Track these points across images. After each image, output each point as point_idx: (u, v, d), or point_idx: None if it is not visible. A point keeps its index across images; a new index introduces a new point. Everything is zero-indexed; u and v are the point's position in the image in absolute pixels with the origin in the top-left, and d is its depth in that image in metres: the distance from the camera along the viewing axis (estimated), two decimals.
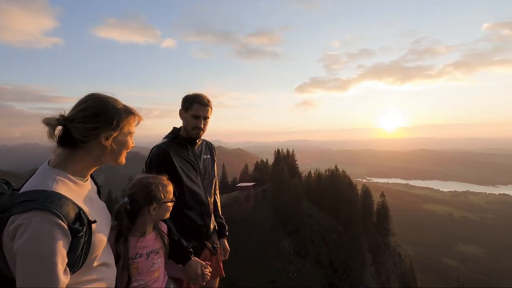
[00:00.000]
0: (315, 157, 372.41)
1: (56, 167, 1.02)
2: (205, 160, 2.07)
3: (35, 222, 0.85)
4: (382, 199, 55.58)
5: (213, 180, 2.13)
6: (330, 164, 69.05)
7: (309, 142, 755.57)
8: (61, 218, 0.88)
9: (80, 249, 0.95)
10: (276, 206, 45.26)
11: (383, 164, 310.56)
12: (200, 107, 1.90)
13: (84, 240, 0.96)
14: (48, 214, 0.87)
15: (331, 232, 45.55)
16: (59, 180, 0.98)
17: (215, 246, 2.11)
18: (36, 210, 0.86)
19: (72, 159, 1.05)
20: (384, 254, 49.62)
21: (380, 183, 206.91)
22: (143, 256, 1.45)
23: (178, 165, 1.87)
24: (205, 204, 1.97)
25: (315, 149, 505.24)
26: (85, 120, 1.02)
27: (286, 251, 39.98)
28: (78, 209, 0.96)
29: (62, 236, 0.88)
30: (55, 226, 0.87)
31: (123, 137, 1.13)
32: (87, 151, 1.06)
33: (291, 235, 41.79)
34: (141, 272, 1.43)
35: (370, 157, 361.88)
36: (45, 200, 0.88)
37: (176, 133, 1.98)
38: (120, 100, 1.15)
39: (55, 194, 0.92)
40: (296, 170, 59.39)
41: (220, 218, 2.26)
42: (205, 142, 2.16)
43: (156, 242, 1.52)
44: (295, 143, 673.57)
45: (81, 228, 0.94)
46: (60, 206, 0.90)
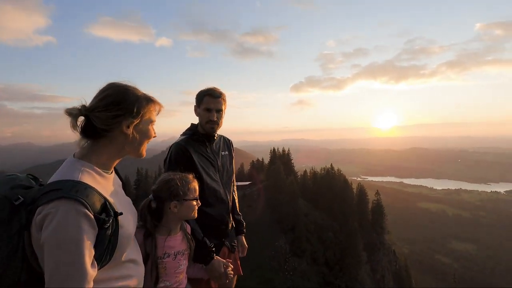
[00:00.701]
0: (310, 156, 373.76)
1: (81, 159, 1.01)
2: (223, 156, 2.03)
3: (62, 212, 0.84)
4: (377, 198, 56.00)
5: (232, 177, 2.09)
6: (325, 163, 69.30)
7: (305, 141, 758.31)
8: (87, 207, 0.87)
9: (107, 242, 0.93)
10: (272, 205, 45.29)
11: (378, 163, 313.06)
12: (211, 100, 1.86)
13: (110, 233, 0.94)
14: (75, 203, 0.86)
15: (327, 231, 45.75)
16: (85, 171, 0.97)
17: (233, 244, 2.08)
18: (62, 199, 0.86)
19: (96, 150, 1.04)
20: (379, 252, 50.02)
21: (375, 181, 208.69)
22: (171, 256, 1.44)
23: (198, 162, 1.83)
24: (224, 201, 1.94)
25: (310, 148, 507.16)
26: (106, 108, 1.01)
27: (282, 249, 40.01)
28: (104, 200, 0.95)
29: (88, 226, 0.87)
30: (82, 215, 0.86)
31: (145, 126, 1.11)
32: (110, 141, 1.05)
33: (287, 233, 41.87)
34: (168, 273, 1.42)
35: (365, 156, 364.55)
36: (71, 189, 0.88)
37: (193, 130, 1.94)
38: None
39: (81, 184, 0.92)
40: (292, 169, 59.50)
41: (237, 214, 2.21)
42: (223, 138, 2.12)
43: (183, 244, 1.51)
44: (291, 142, 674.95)
45: (108, 219, 0.92)
46: (86, 195, 0.89)
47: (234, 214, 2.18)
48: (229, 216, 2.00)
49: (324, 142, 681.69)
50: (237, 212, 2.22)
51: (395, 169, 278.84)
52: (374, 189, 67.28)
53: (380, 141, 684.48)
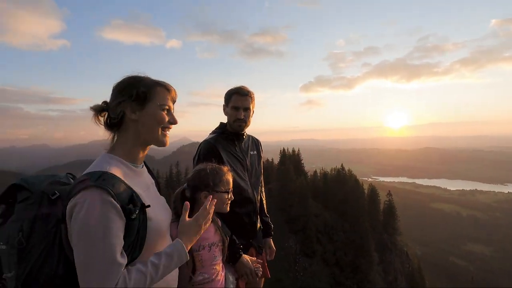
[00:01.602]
0: (320, 156, 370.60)
1: (110, 152, 1.07)
2: (252, 156, 2.02)
3: (89, 201, 0.86)
4: (388, 198, 55.12)
5: (260, 177, 2.06)
6: (336, 163, 68.69)
7: (315, 141, 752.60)
8: (113, 196, 0.89)
9: (135, 233, 0.93)
10: (281, 205, 45.19)
11: (389, 163, 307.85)
12: (239, 98, 1.85)
13: (139, 224, 0.95)
14: (101, 192, 0.87)
15: (338, 231, 45.33)
16: (112, 162, 1.01)
17: (260, 246, 2.04)
18: (88, 188, 0.88)
19: (119, 141, 1.08)
20: (391, 253, 49.19)
21: (386, 182, 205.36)
22: (206, 248, 1.43)
23: (226, 160, 1.82)
24: (252, 201, 1.91)
25: (320, 148, 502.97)
26: (113, 98, 1.08)
27: (292, 250, 39.87)
28: (131, 191, 0.96)
29: (116, 215, 0.88)
30: (108, 204, 0.87)
31: (150, 109, 1.07)
32: (125, 131, 1.08)
33: (297, 234, 41.70)
34: (205, 265, 1.41)
35: (376, 156, 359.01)
36: (98, 179, 0.90)
37: (223, 128, 1.94)
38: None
39: (107, 174, 0.93)
40: (301, 169, 59.17)
41: (265, 216, 2.17)
42: (252, 138, 2.11)
43: (216, 236, 1.50)
44: (300, 142, 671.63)
45: (134, 209, 0.92)
46: (112, 184, 0.91)
47: (262, 215, 2.15)
48: (256, 217, 1.96)
49: (334, 142, 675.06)
50: (265, 214, 2.17)
51: (407, 169, 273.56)
52: (385, 189, 66.24)
53: (392, 140, 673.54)
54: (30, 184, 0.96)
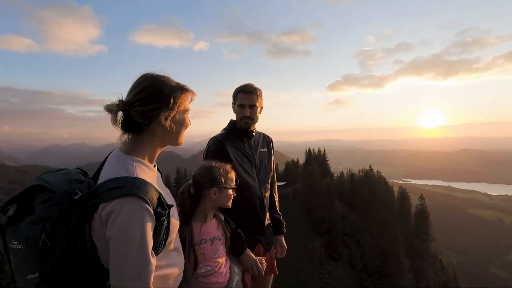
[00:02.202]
0: (348, 157, 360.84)
1: (129, 153, 1.04)
2: (261, 153, 2.03)
3: (127, 208, 0.89)
4: (421, 202, 52.34)
5: (269, 174, 2.07)
6: (364, 164, 66.54)
7: (342, 142, 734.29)
8: (148, 203, 0.92)
9: (162, 234, 0.99)
10: (307, 206, 44.65)
11: (422, 165, 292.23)
12: (244, 96, 1.88)
13: (165, 225, 1.00)
14: (138, 200, 0.91)
15: (365, 235, 43.89)
16: (137, 166, 1.01)
17: (269, 242, 2.03)
18: (126, 197, 0.90)
19: (140, 144, 1.06)
20: (423, 260, 46.70)
21: (419, 185, 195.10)
22: (208, 242, 1.48)
23: (234, 156, 1.85)
24: (259, 197, 1.93)
25: (348, 149, 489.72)
26: (143, 102, 1.01)
27: (317, 252, 39.26)
28: (159, 194, 1.00)
29: (150, 220, 0.93)
30: (145, 211, 0.91)
31: (181, 116, 1.11)
32: (150, 134, 1.06)
33: (323, 236, 40.98)
34: (208, 258, 1.46)
35: (408, 157, 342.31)
36: (133, 186, 0.92)
37: (232, 126, 1.97)
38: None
39: (140, 180, 0.95)
40: (328, 170, 58.01)
41: (277, 214, 2.18)
42: (263, 136, 2.13)
43: (218, 230, 1.55)
44: (327, 142, 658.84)
45: (163, 212, 0.97)
46: (146, 191, 0.94)
47: (274, 213, 2.16)
48: (264, 213, 1.97)
49: (362, 143, 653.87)
50: (276, 211, 2.18)
51: (443, 172, 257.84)
52: (418, 193, 62.96)
53: (426, 141, 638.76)
54: (52, 185, 0.95)
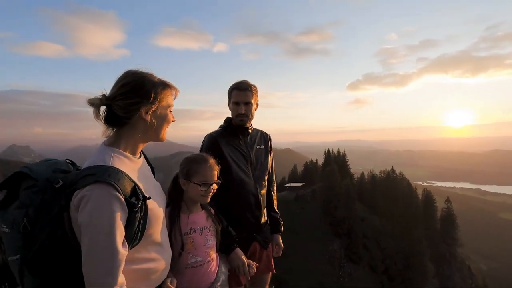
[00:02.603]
0: (368, 157, 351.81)
1: (111, 146, 1.08)
2: (258, 150, 2.02)
3: (96, 195, 0.91)
4: (447, 205, 50.25)
5: (265, 172, 2.04)
6: (385, 165, 64.70)
7: (362, 142, 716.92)
8: (119, 191, 0.93)
9: (137, 224, 0.99)
10: (326, 207, 44.05)
11: (449, 166, 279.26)
12: (238, 93, 1.86)
13: (140, 216, 1.00)
14: (108, 187, 0.92)
15: (387, 238, 42.65)
16: (115, 156, 1.04)
17: (266, 240, 2.01)
18: (97, 183, 0.92)
19: (122, 137, 1.10)
20: (450, 266, 44.71)
21: (445, 187, 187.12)
22: (197, 231, 1.47)
23: (228, 153, 1.85)
24: (254, 195, 1.90)
25: (368, 149, 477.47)
26: (125, 96, 1.05)
27: (337, 254, 38.61)
28: (134, 184, 1.01)
29: (120, 209, 0.93)
30: (114, 198, 0.92)
31: (163, 111, 1.14)
32: (132, 128, 1.10)
33: (342, 238, 40.25)
34: (197, 247, 1.45)
35: (433, 158, 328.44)
36: (104, 173, 0.94)
37: (228, 123, 1.97)
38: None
39: (113, 169, 0.98)
40: (347, 171, 56.92)
41: (274, 212, 2.16)
42: (261, 133, 2.11)
43: (208, 221, 1.54)
44: (347, 143, 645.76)
45: (137, 202, 0.98)
46: (118, 179, 0.95)
47: (271, 211, 2.14)
48: (259, 211, 1.93)
49: (384, 143, 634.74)
50: (274, 210, 2.16)
51: (471, 174, 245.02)
52: (444, 195, 60.39)
53: (452, 142, 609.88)
54: (34, 172, 1.00)
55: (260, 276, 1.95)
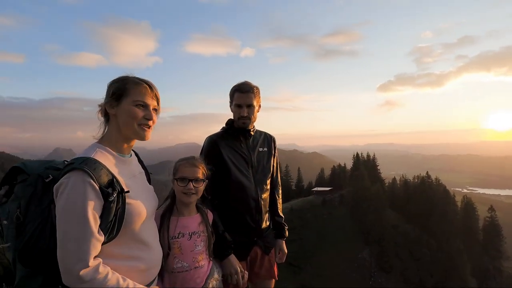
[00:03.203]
0: (400, 162, 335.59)
1: (98, 142, 1.18)
2: (260, 153, 1.97)
3: (72, 181, 0.97)
4: (490, 214, 46.45)
5: (268, 175, 1.98)
6: (419, 170, 61.43)
7: (394, 146, 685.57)
8: (92, 178, 0.98)
9: (112, 215, 1.02)
10: (354, 213, 42.64)
11: (492, 172, 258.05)
12: (240, 95, 1.83)
13: (117, 207, 1.04)
14: (83, 174, 0.98)
15: (421, 247, 40.25)
16: (98, 151, 1.11)
17: (267, 246, 1.93)
18: (73, 170, 0.98)
19: (107, 134, 1.20)
20: (494, 280, 41.11)
21: (488, 194, 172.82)
22: (186, 236, 1.45)
23: (227, 156, 1.83)
24: (254, 198, 1.85)
25: (401, 153, 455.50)
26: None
27: (366, 262, 37.15)
28: (112, 176, 1.06)
29: (93, 195, 0.98)
30: (87, 184, 0.97)
31: (126, 105, 1.15)
32: (110, 124, 1.19)
33: (372, 246, 38.65)
34: (184, 253, 1.43)
35: (474, 163, 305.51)
36: (81, 163, 1.00)
37: (229, 125, 1.94)
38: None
39: (91, 159, 1.04)
40: (378, 175, 54.77)
41: (278, 216, 2.09)
42: (264, 135, 2.06)
43: (200, 226, 1.52)
44: (377, 146, 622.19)
45: (112, 192, 1.02)
46: (93, 168, 1.01)
47: (275, 215, 2.08)
48: (260, 215, 1.87)
49: (417, 147, 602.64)
50: (278, 214, 2.09)
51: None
52: (487, 203, 55.86)
53: (496, 145, 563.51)
54: (27, 168, 1.09)
55: (262, 282, 1.91)
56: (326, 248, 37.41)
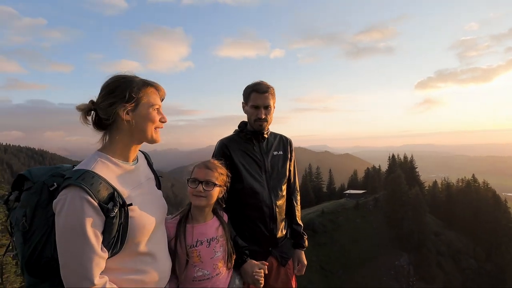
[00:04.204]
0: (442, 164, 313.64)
1: (100, 150, 1.10)
2: (274, 156, 1.86)
3: (69, 198, 0.93)
4: None
5: (283, 180, 1.86)
6: (464, 173, 56.89)
7: (434, 147, 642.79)
8: (90, 194, 0.94)
9: (115, 230, 0.99)
10: (390, 218, 40.47)
11: None
12: (258, 96, 1.72)
13: (119, 222, 1.00)
14: (79, 190, 0.93)
15: (467, 257, 37.07)
16: (100, 161, 1.05)
17: (284, 256, 1.81)
18: (70, 187, 0.94)
19: (111, 141, 1.11)
20: None
21: None
22: (204, 243, 1.40)
23: (239, 160, 1.73)
24: (268, 205, 1.74)
25: (442, 155, 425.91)
26: (104, 98, 1.07)
27: (404, 270, 35.02)
28: (113, 190, 1.01)
29: (92, 212, 0.94)
30: (85, 201, 0.93)
31: (143, 110, 1.11)
32: (117, 130, 1.10)
33: (411, 253, 36.36)
34: (204, 261, 1.38)
35: None
36: (78, 177, 0.95)
37: (242, 127, 1.85)
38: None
39: (89, 173, 0.98)
40: (416, 178, 51.60)
41: (297, 224, 1.95)
42: (279, 137, 1.95)
43: (218, 231, 1.46)
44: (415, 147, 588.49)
45: (113, 208, 0.98)
46: (91, 183, 0.96)
47: (293, 223, 1.94)
48: (274, 223, 1.76)
49: (461, 148, 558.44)
50: (296, 222, 1.95)
51: None
52: None
53: None
54: (32, 175, 1.07)
55: None
56: (360, 253, 35.92)
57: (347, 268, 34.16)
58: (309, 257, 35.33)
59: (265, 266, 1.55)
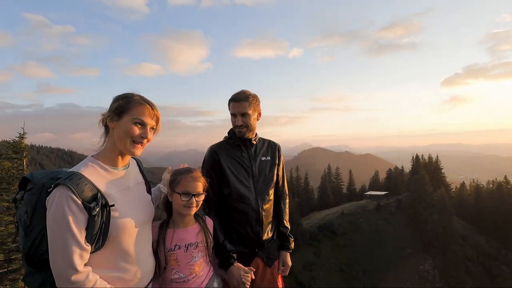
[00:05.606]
0: (470, 165, 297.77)
1: (94, 156, 1.25)
2: (262, 162, 1.94)
3: (57, 196, 1.06)
4: None
5: (270, 184, 1.94)
6: (495, 174, 53.85)
7: (462, 147, 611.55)
8: (74, 193, 1.06)
9: (97, 228, 1.10)
10: (414, 220, 39.01)
11: None
12: (234, 104, 1.82)
13: (101, 221, 1.11)
14: (66, 189, 1.06)
15: (498, 263, 35.00)
16: (90, 165, 1.18)
17: (270, 257, 1.89)
18: (59, 186, 1.07)
19: (104, 147, 1.27)
20: None
21: None
22: (182, 248, 1.47)
23: (227, 166, 1.82)
24: (254, 209, 1.82)
25: (470, 155, 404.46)
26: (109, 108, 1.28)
27: (429, 276, 33.66)
28: (97, 191, 1.12)
29: (76, 209, 1.06)
30: (69, 199, 1.05)
31: (126, 123, 1.21)
32: (108, 137, 1.26)
33: (436, 257, 34.86)
34: (181, 264, 1.45)
35: None
36: (66, 178, 1.08)
37: (231, 134, 1.94)
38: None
39: (76, 174, 1.11)
40: (442, 180, 49.42)
41: (284, 227, 2.02)
42: (268, 143, 2.04)
43: (198, 236, 1.53)
44: (441, 147, 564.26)
45: (95, 207, 1.09)
46: (76, 184, 1.08)
47: (280, 226, 2.02)
48: (261, 226, 1.84)
49: (492, 148, 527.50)
50: (283, 225, 2.02)
51: None
52: None
53: None
54: (34, 178, 1.21)
55: None
56: (381, 256, 34.89)
57: (368, 271, 33.31)
58: (329, 259, 34.79)
59: (251, 272, 1.63)
